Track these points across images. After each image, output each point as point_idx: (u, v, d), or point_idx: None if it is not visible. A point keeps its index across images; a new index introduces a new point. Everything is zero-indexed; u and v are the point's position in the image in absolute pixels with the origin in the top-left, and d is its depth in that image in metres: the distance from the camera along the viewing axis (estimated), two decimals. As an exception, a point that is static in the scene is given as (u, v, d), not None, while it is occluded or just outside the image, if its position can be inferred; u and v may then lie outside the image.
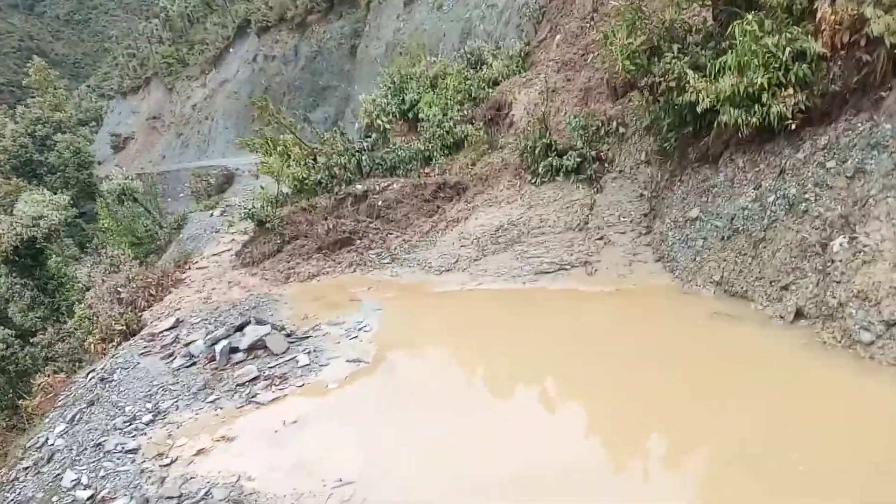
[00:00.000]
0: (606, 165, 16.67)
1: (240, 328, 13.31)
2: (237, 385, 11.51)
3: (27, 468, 10.28)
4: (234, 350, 12.64)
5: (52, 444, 10.73)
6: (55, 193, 33.46)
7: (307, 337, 13.21)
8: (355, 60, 57.98)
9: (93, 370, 13.72)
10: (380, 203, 19.49)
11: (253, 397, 11.03)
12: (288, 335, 13.20)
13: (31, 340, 22.52)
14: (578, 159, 16.58)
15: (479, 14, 39.62)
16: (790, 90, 11.60)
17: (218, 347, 12.52)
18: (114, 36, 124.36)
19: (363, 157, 20.58)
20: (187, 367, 12.80)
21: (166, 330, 15.14)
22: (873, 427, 7.66)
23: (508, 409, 9.79)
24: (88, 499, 8.87)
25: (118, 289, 19.05)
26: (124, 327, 16.11)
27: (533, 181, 17.28)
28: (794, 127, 11.60)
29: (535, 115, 18.86)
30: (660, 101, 14.37)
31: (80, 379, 13.72)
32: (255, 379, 11.62)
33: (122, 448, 10.04)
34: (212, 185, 44.23)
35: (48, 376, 15.25)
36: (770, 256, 11.22)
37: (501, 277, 14.54)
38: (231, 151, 66.97)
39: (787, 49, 11.57)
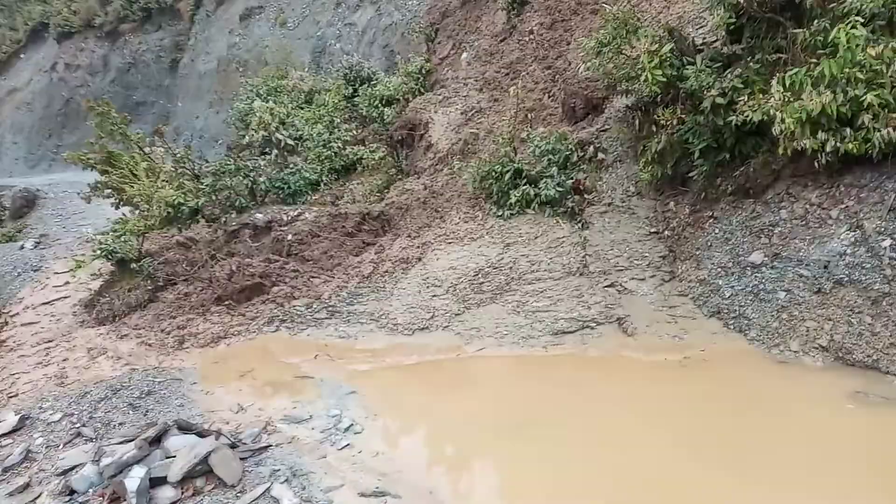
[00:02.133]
0: (587, 197, 13.30)
1: (156, 440, 7.97)
2: (186, 560, 6.34)
3: None
4: (158, 482, 7.34)
5: None
6: None
7: (265, 447, 8.20)
8: (177, 75, 50.50)
9: None
10: (290, 237, 14.53)
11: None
12: (232, 446, 8.10)
13: None
14: (559, 189, 13.04)
15: (333, 32, 35.23)
16: (903, 111, 9.00)
17: (130, 483, 7.11)
18: None
19: (260, 179, 15.42)
20: (68, 513, 7.27)
21: (4, 436, 9.19)
22: None
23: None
24: None
25: None
26: None
27: (499, 214, 13.44)
28: (905, 156, 9.01)
29: (497, 136, 15.06)
30: (685, 122, 11.31)
31: None
32: (215, 544, 6.51)
33: None
34: (6, 208, 34.80)
35: None
36: (905, 316, 8.40)
37: (507, 339, 10.52)
38: (21, 170, 55.48)
39: (897, 62, 8.96)
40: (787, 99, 9.50)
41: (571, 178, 13.41)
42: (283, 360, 10.98)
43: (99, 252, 13.93)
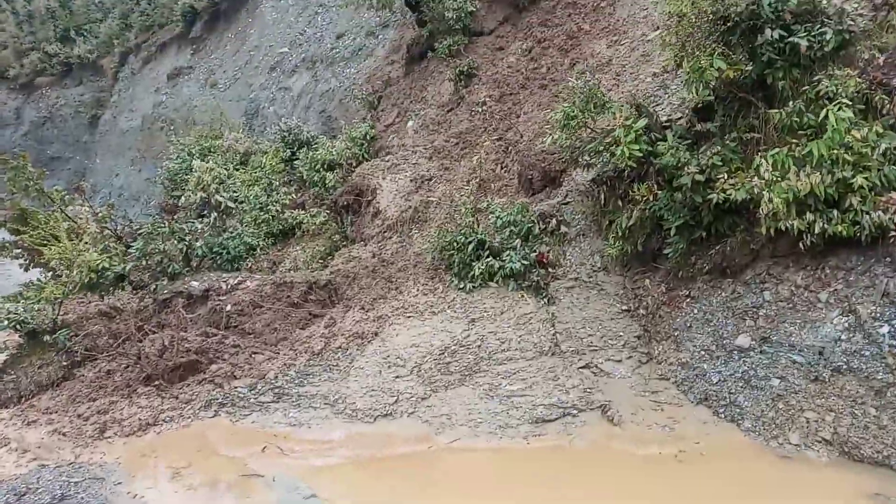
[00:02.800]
0: (551, 271, 12.45)
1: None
2: None
3: None
4: None
5: None
6: None
7: (213, 572, 6.54)
8: (96, 131, 47.72)
9: None
10: (229, 307, 12.89)
11: None
12: (173, 572, 6.39)
13: None
14: (524, 262, 12.14)
15: (267, 96, 34.09)
16: (893, 194, 8.65)
17: None
18: None
19: (197, 244, 13.76)
20: None
21: None
22: None
23: None
24: None
25: None
26: None
27: (461, 286, 12.37)
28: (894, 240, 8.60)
29: (453, 205, 14.15)
30: (658, 198, 10.69)
31: None
32: None
33: None
34: None
35: None
36: (913, 409, 7.77)
37: (483, 429, 9.25)
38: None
39: (884, 145, 8.68)
40: (774, 178, 9.01)
41: (534, 251, 12.55)
42: (225, 452, 9.29)
43: (7, 322, 11.81)
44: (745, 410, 8.88)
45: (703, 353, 9.78)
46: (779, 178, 9.02)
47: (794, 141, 9.35)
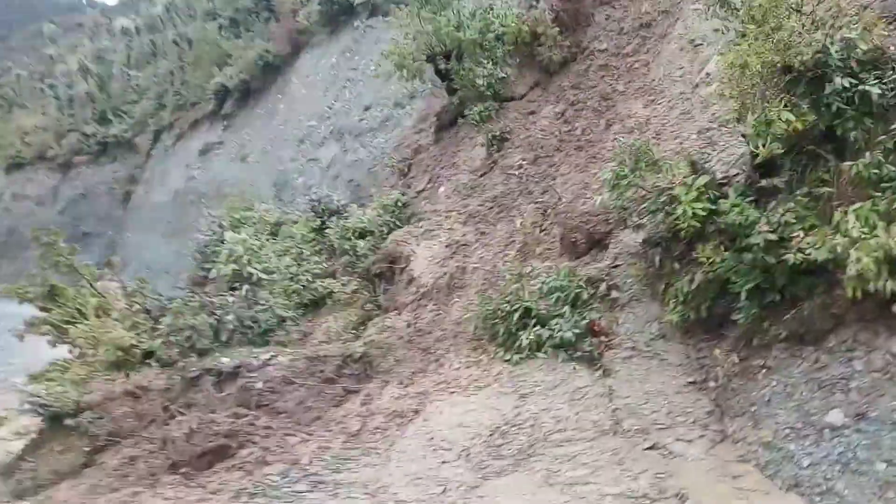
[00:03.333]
0: (603, 340, 11.44)
1: None
2: None
3: None
4: None
5: None
6: None
7: None
8: (129, 206, 48.26)
9: None
10: (260, 385, 12.00)
11: None
12: None
13: None
14: (576, 330, 11.16)
15: (296, 167, 34.10)
16: None
17: None
18: None
19: (228, 317, 13.01)
20: None
21: None
22: None
23: None
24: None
25: None
26: None
27: (507, 358, 11.38)
28: None
29: (499, 271, 13.34)
30: (725, 259, 9.73)
31: None
32: None
33: None
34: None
35: None
36: None
37: (545, 524, 8.09)
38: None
39: (981, 196, 7.73)
40: (862, 235, 8.07)
41: (585, 318, 11.57)
42: (257, 552, 8.19)
43: (28, 406, 11.00)
44: (847, 500, 7.63)
45: (787, 431, 8.59)
46: (867, 236, 8.07)
47: (877, 194, 8.46)
